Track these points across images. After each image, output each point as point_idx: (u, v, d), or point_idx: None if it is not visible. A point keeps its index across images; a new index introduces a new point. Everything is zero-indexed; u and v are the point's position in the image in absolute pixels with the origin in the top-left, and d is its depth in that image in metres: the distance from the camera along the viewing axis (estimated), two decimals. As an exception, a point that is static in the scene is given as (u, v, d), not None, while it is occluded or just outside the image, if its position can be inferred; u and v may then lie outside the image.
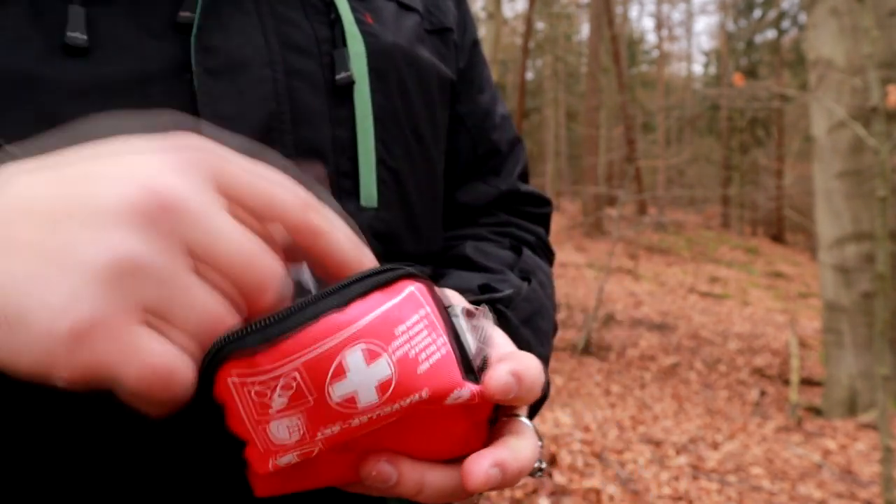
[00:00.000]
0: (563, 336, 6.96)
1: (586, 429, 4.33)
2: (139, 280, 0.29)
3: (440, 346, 0.35)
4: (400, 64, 0.59)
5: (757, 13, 23.42)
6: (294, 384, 0.31)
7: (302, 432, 0.32)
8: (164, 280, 0.29)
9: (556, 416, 4.52)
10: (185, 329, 0.30)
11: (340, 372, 0.31)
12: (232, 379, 0.31)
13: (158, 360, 0.29)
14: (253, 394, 0.31)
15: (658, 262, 13.47)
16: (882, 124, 3.20)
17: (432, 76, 0.62)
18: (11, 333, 0.28)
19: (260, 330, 0.31)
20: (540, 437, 0.43)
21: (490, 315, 0.44)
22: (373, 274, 0.34)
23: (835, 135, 5.19)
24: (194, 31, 0.47)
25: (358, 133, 0.54)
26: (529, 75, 25.09)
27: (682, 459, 3.94)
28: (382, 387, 0.32)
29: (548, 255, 0.74)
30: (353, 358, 0.31)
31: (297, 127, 0.51)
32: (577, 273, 10.87)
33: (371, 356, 0.32)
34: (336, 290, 0.32)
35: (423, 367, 0.33)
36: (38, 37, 0.43)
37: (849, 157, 5.13)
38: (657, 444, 4.19)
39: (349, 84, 0.54)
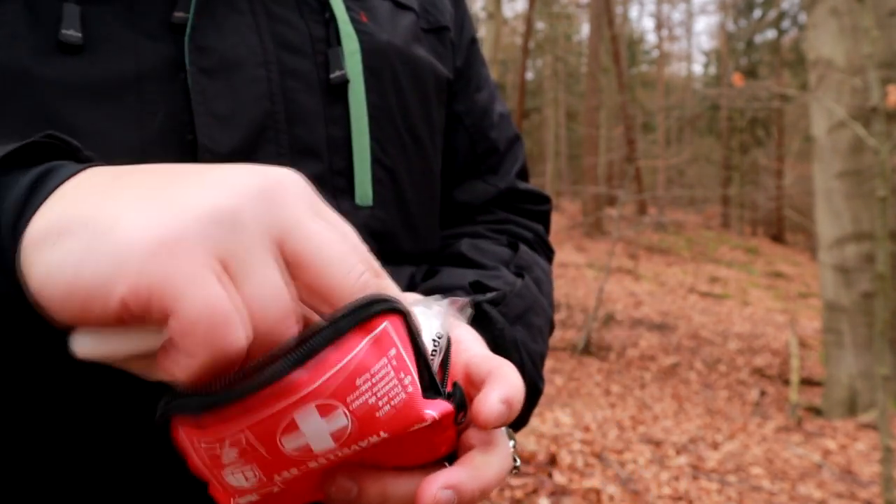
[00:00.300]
0: (563, 336, 6.96)
1: (586, 429, 4.33)
2: (231, 234, 0.29)
3: (406, 386, 0.33)
4: (395, 62, 0.59)
5: (757, 13, 23.42)
6: (243, 442, 0.31)
7: (259, 477, 0.32)
8: (251, 247, 0.30)
9: (556, 416, 4.52)
10: (249, 300, 0.30)
11: (292, 427, 0.31)
12: (182, 431, 0.31)
13: (220, 305, 0.28)
14: (203, 447, 0.31)
15: (658, 262, 13.47)
16: (882, 124, 3.20)
17: (428, 74, 0.62)
18: (90, 239, 0.28)
19: (206, 395, 0.30)
20: (512, 436, 0.43)
21: (464, 314, 0.44)
22: (350, 312, 0.32)
23: (835, 135, 5.18)
24: (188, 30, 0.47)
25: (353, 132, 0.54)
26: (529, 75, 25.10)
27: (682, 459, 3.94)
28: (337, 434, 0.32)
29: (546, 251, 0.74)
30: (305, 415, 0.31)
31: (291, 126, 0.51)
32: (577, 273, 10.87)
33: (326, 410, 0.31)
34: (303, 341, 0.31)
35: (384, 410, 0.33)
36: (32, 34, 0.43)
37: (849, 157, 5.13)
38: (657, 444, 4.19)
39: (343, 83, 0.54)
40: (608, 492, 3.35)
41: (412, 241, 0.60)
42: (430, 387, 0.36)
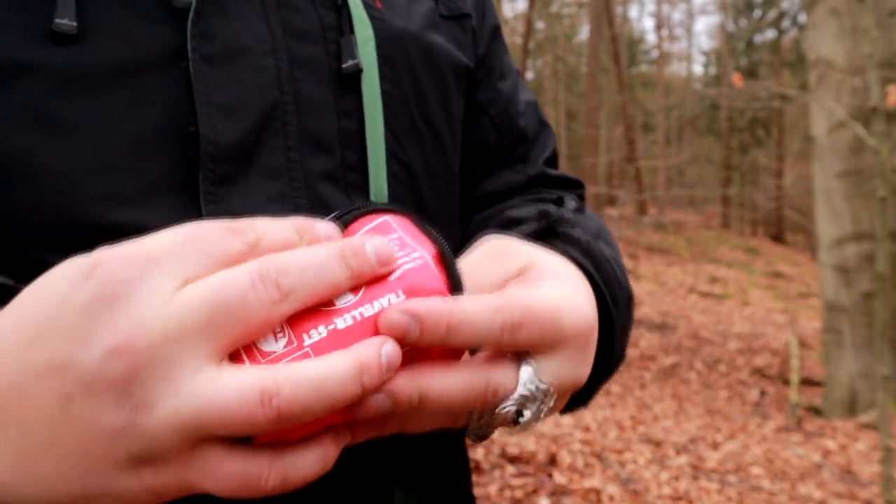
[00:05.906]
0: (563, 336, 6.94)
1: (586, 429, 4.33)
2: None
3: (413, 259, 0.37)
4: (411, 51, 0.56)
5: (757, 13, 23.43)
6: None
7: (289, 337, 0.33)
8: None
9: (555, 416, 4.51)
10: None
11: None
12: None
13: None
14: None
15: (658, 262, 13.46)
16: (882, 124, 3.19)
17: (446, 63, 0.60)
18: None
19: None
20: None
21: None
22: (347, 212, 0.39)
23: (835, 135, 5.19)
24: (191, 15, 0.45)
25: (366, 124, 0.52)
26: (529, 75, 25.07)
27: (682, 459, 3.94)
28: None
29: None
30: None
31: (300, 118, 0.49)
32: (577, 273, 10.84)
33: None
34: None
35: (394, 276, 0.36)
36: (24, 23, 0.42)
37: (849, 157, 5.13)
38: (657, 444, 4.19)
39: (356, 72, 0.51)
40: (608, 492, 3.35)
41: None
42: (455, 286, 0.38)
